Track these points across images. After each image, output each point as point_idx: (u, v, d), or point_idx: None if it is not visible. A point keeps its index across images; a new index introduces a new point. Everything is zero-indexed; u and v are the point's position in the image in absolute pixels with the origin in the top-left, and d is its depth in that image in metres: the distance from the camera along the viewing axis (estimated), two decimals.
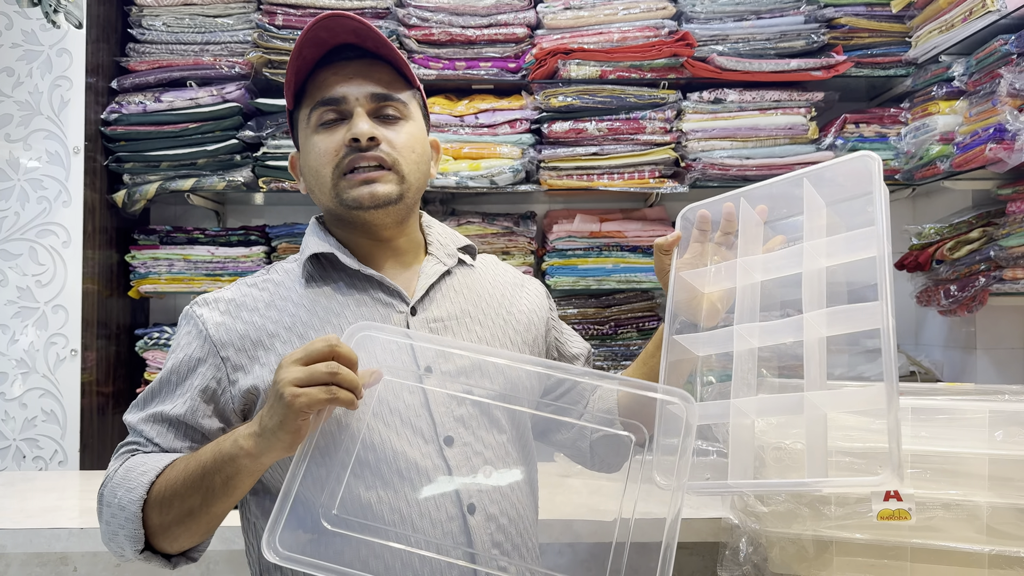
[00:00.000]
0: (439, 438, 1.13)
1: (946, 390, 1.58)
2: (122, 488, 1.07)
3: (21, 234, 2.53)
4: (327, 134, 1.19)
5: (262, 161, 2.65)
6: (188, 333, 1.19)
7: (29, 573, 1.85)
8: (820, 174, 1.18)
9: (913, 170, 2.60)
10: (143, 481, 1.06)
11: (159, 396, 1.17)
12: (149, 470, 1.07)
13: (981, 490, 1.28)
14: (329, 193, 1.20)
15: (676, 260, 1.28)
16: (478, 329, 1.23)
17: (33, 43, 2.55)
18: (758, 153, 2.65)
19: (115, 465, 1.12)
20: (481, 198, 2.95)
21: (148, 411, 1.16)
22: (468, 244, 1.34)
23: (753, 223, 1.24)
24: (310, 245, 1.23)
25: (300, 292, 1.20)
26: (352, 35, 1.20)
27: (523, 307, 1.33)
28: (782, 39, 2.67)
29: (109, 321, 2.67)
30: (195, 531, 1.08)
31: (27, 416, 2.51)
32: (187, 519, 1.05)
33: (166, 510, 1.05)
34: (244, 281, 1.24)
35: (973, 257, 2.40)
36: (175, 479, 1.05)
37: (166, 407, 1.15)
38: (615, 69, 2.64)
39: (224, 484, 1.02)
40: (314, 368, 0.97)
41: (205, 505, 1.04)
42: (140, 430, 1.15)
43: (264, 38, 2.65)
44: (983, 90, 2.25)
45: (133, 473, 1.08)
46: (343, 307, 1.18)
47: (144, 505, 1.05)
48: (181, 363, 1.17)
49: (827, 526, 1.35)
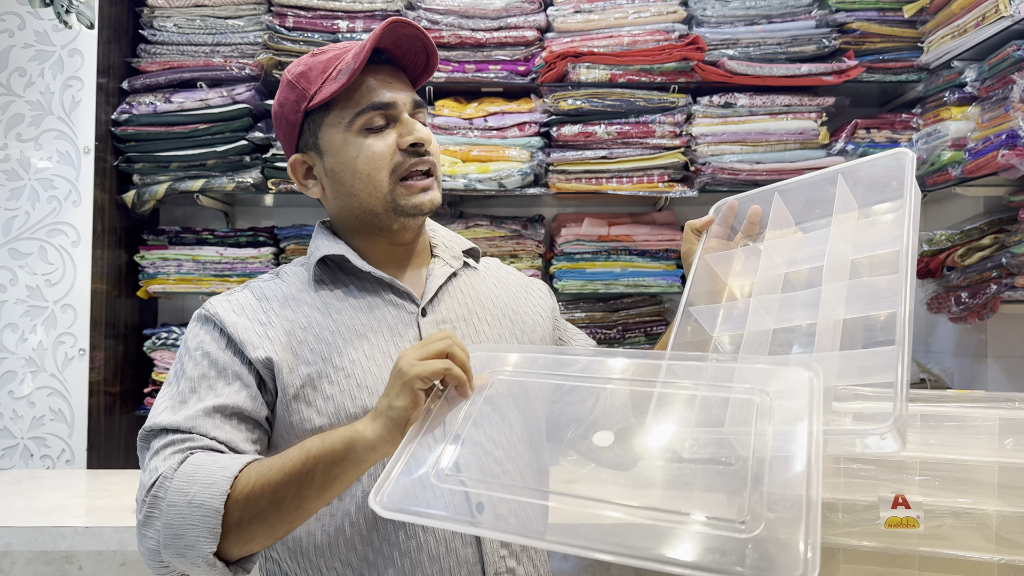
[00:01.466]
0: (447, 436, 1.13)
1: (956, 397, 1.56)
2: (196, 485, 0.99)
3: (31, 233, 2.54)
4: (377, 137, 1.18)
5: (271, 162, 2.66)
6: (210, 332, 1.16)
7: (34, 571, 1.85)
8: (855, 171, 1.19)
9: (924, 176, 2.58)
10: (226, 475, 0.99)
11: (197, 393, 1.11)
12: (230, 465, 1.00)
13: (991, 498, 1.27)
14: (384, 196, 1.18)
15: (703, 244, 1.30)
16: (486, 329, 1.24)
17: (45, 43, 2.56)
18: (768, 158, 2.64)
19: (167, 464, 1.02)
20: (489, 201, 2.94)
21: (189, 409, 1.09)
22: (472, 247, 1.35)
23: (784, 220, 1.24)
24: (320, 248, 1.23)
25: (311, 295, 1.20)
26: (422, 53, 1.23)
27: (528, 308, 1.34)
28: (793, 43, 2.66)
29: (117, 321, 2.68)
30: (275, 529, 1.01)
31: (35, 415, 2.52)
32: (273, 515, 1.00)
33: (252, 505, 0.99)
34: (254, 283, 1.23)
35: (984, 264, 2.38)
36: (267, 470, 1.00)
37: (210, 401, 1.09)
38: (625, 72, 2.64)
39: (325, 473, 0.98)
40: (432, 345, 1.01)
41: (298, 498, 0.99)
42: (192, 426, 1.07)
43: (274, 40, 2.66)
44: (996, 96, 2.23)
45: (206, 469, 1.00)
46: (356, 309, 1.19)
47: (226, 500, 0.98)
48: (215, 359, 1.13)
49: (834, 533, 1.34)
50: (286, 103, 1.22)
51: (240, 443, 1.08)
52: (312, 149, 1.22)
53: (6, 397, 2.51)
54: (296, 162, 1.24)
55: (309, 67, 1.20)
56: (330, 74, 1.18)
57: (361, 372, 1.14)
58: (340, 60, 1.18)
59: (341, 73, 1.16)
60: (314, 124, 1.21)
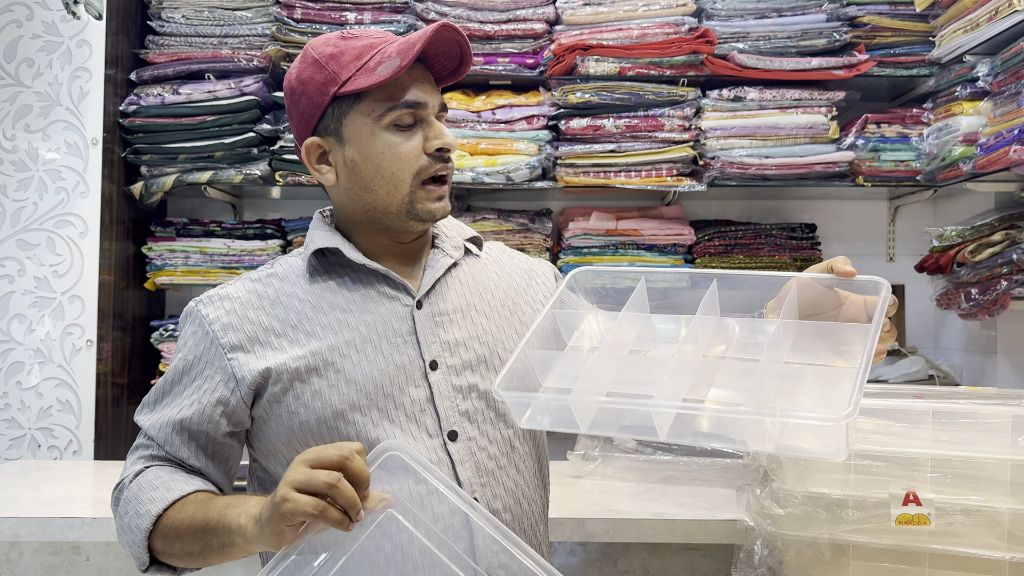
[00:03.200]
0: (443, 432, 1.13)
1: (968, 394, 1.55)
2: (132, 510, 1.10)
3: (39, 224, 2.54)
4: (404, 136, 1.16)
5: (279, 155, 2.65)
6: (194, 334, 1.17)
7: (42, 562, 1.85)
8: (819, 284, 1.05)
9: (935, 171, 2.57)
10: (151, 511, 1.08)
11: (168, 396, 1.18)
12: (158, 499, 1.09)
13: (1003, 496, 1.26)
14: (402, 199, 1.17)
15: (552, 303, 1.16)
16: (483, 321, 1.22)
17: (53, 34, 2.56)
18: (778, 152, 2.63)
19: (131, 470, 1.15)
20: (497, 194, 2.94)
21: (156, 415, 1.17)
22: (475, 235, 1.33)
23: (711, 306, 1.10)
24: (315, 239, 1.21)
25: (305, 287, 1.19)
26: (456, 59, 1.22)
27: (530, 298, 1.30)
28: (803, 37, 2.64)
29: (125, 312, 2.68)
30: (195, 568, 1.12)
31: (43, 405, 2.52)
32: (186, 559, 1.08)
33: (169, 544, 1.08)
34: (248, 277, 1.22)
35: (995, 260, 2.36)
36: (181, 523, 1.06)
37: (173, 412, 1.16)
38: (634, 66, 2.63)
39: (220, 548, 1.03)
40: (314, 475, 0.91)
41: (202, 556, 1.06)
42: (150, 435, 1.17)
43: (282, 31, 2.65)
44: (1008, 91, 2.21)
45: (144, 496, 1.10)
46: (349, 302, 1.17)
47: (150, 533, 1.08)
48: (190, 364, 1.16)
49: (844, 530, 1.33)
50: (310, 83, 1.16)
51: (189, 459, 1.16)
52: (332, 135, 1.18)
53: (14, 388, 2.52)
54: (312, 145, 1.19)
55: (341, 51, 1.15)
56: (367, 63, 1.13)
57: (351, 367, 1.12)
58: (376, 50, 1.15)
59: (383, 66, 1.12)
60: (340, 110, 1.16)
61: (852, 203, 3.02)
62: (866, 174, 2.66)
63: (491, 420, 1.17)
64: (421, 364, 1.15)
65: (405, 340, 1.16)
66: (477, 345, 1.19)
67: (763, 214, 3.00)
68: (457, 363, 1.16)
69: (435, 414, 1.13)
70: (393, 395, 1.12)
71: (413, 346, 1.15)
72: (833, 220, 2.99)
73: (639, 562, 1.85)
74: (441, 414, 1.13)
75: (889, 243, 3.01)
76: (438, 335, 1.17)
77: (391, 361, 1.14)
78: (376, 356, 1.14)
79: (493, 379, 1.16)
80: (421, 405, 1.13)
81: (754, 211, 3.02)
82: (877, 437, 1.34)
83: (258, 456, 1.19)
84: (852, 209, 3.02)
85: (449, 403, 1.14)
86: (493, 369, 1.18)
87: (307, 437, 1.11)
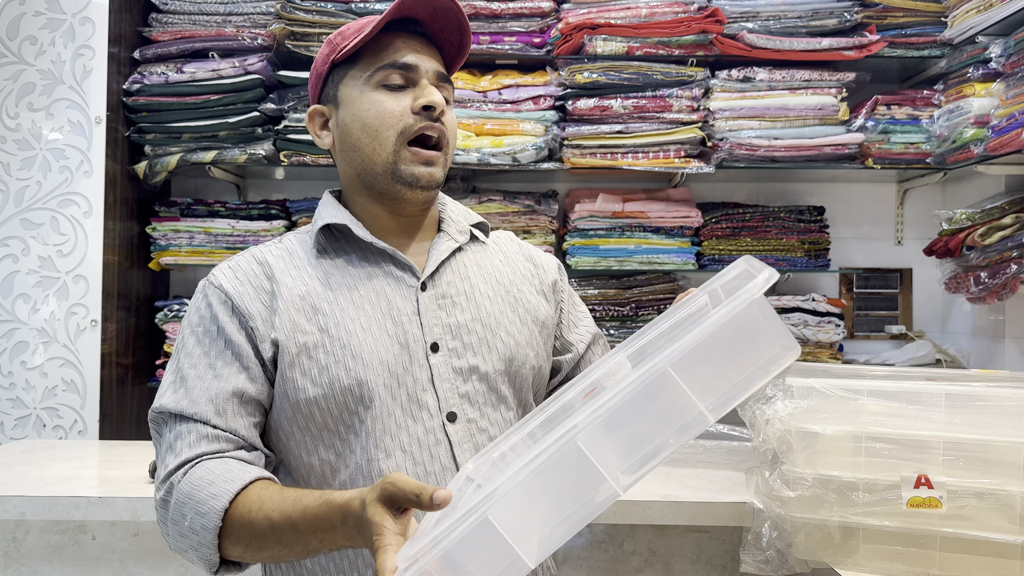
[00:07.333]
0: (442, 413, 1.14)
1: (980, 377, 1.54)
2: (192, 511, 1.02)
3: (43, 204, 2.53)
4: (392, 95, 1.18)
5: (283, 134, 2.63)
6: (210, 306, 1.16)
7: (48, 541, 1.85)
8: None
9: (945, 154, 2.54)
10: (216, 507, 1.01)
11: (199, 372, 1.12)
12: (220, 493, 1.01)
13: (1015, 479, 1.25)
14: (386, 157, 1.18)
15: None
16: (487, 304, 1.22)
17: (56, 11, 2.54)
18: (787, 133, 2.61)
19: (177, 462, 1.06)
20: (503, 176, 2.91)
21: (197, 391, 1.10)
22: (481, 221, 1.33)
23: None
24: (323, 215, 1.23)
25: (312, 263, 1.19)
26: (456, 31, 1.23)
27: (532, 289, 1.30)
28: (814, 17, 2.61)
29: (129, 292, 2.67)
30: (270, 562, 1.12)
31: (47, 385, 2.52)
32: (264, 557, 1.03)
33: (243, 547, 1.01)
34: (258, 249, 1.23)
35: (1005, 244, 2.34)
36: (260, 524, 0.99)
37: (217, 384, 1.10)
38: (642, 45, 2.60)
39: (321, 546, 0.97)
40: None
41: (292, 555, 1.01)
42: (194, 413, 1.09)
43: (287, 9, 2.62)
44: (1021, 72, 2.19)
45: (203, 494, 1.02)
46: (355, 280, 1.18)
47: (219, 532, 1.01)
48: (218, 334, 1.13)
49: (854, 513, 1.32)
50: (319, 57, 1.24)
51: (241, 429, 1.10)
52: (331, 101, 1.24)
53: (19, 367, 2.52)
54: (314, 112, 1.25)
55: (348, 27, 1.23)
56: (366, 33, 1.18)
57: (357, 343, 1.13)
58: (375, 21, 1.19)
59: (370, 27, 1.18)
60: (337, 76, 1.23)
61: (860, 186, 2.99)
62: (875, 156, 2.64)
63: (492, 403, 1.18)
64: (424, 345, 1.16)
65: (409, 319, 1.16)
66: (479, 328, 1.19)
67: (771, 196, 2.98)
68: (458, 346, 1.17)
69: (435, 394, 1.14)
70: (397, 374, 1.13)
71: (416, 327, 1.16)
72: (841, 203, 2.97)
73: (645, 544, 1.84)
74: (441, 395, 1.14)
75: (897, 226, 2.99)
76: (440, 318, 1.18)
77: (396, 340, 1.14)
78: (381, 334, 1.14)
79: (494, 362, 1.18)
80: (423, 385, 1.14)
81: (762, 193, 3.00)
82: (889, 419, 1.33)
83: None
84: (860, 192, 2.99)
85: (449, 385, 1.15)
86: (495, 351, 1.19)
87: (312, 411, 1.12)
